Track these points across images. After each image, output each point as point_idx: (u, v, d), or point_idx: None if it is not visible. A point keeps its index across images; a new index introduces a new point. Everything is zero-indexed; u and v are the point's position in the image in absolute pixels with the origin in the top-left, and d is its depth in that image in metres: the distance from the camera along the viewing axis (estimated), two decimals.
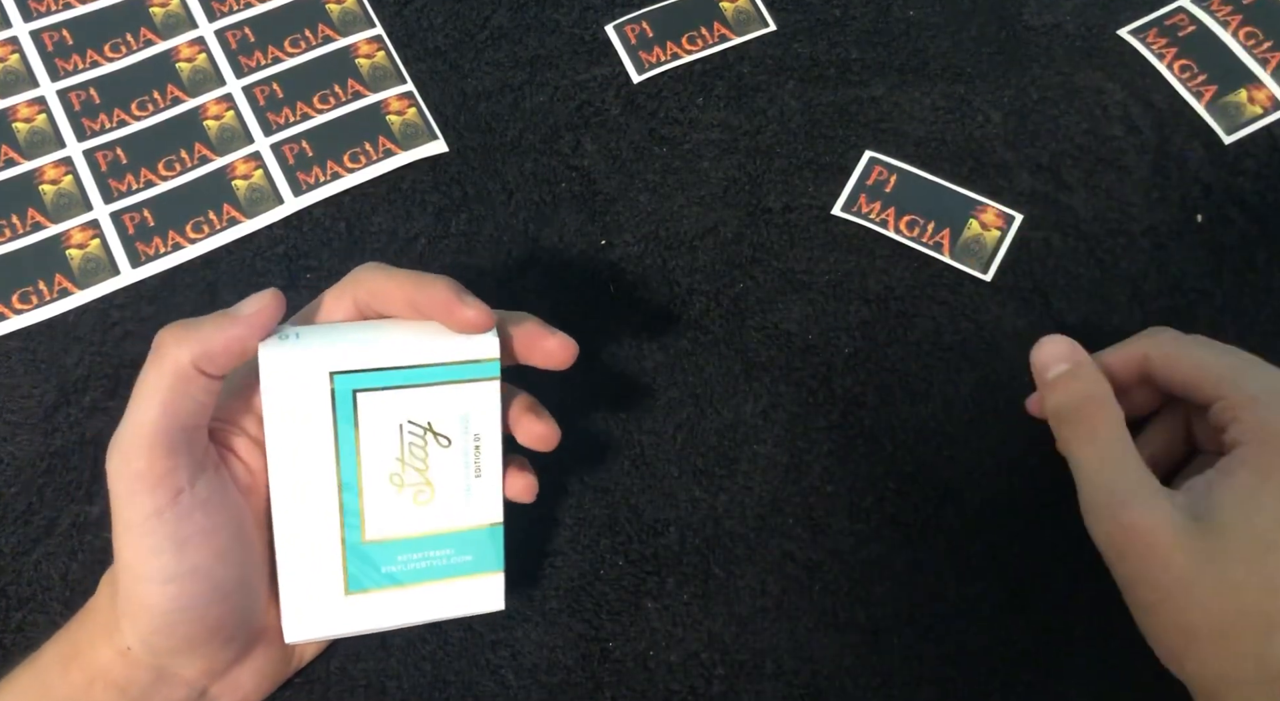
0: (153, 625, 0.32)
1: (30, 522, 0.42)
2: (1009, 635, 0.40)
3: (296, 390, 0.33)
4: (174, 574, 0.32)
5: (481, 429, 0.35)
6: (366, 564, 0.35)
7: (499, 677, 0.40)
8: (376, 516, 0.35)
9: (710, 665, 0.40)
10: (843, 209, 0.45)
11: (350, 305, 0.35)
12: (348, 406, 0.33)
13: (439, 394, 0.34)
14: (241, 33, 0.50)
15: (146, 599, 0.32)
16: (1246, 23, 0.48)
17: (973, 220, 0.44)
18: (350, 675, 0.40)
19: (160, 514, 0.31)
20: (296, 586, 0.34)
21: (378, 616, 0.35)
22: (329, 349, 0.33)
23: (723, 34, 0.49)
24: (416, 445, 0.34)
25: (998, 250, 0.44)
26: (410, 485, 0.35)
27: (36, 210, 0.46)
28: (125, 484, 0.31)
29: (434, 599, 0.36)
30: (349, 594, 0.35)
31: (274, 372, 0.33)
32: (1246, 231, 0.40)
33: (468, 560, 0.36)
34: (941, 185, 0.46)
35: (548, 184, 0.47)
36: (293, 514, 0.34)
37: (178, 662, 0.34)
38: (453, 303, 0.33)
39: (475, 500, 0.35)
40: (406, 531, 0.35)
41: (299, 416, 0.33)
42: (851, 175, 0.46)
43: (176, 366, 0.31)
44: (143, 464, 0.31)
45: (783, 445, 0.43)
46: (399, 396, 0.34)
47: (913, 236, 0.44)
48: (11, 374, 0.44)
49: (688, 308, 0.45)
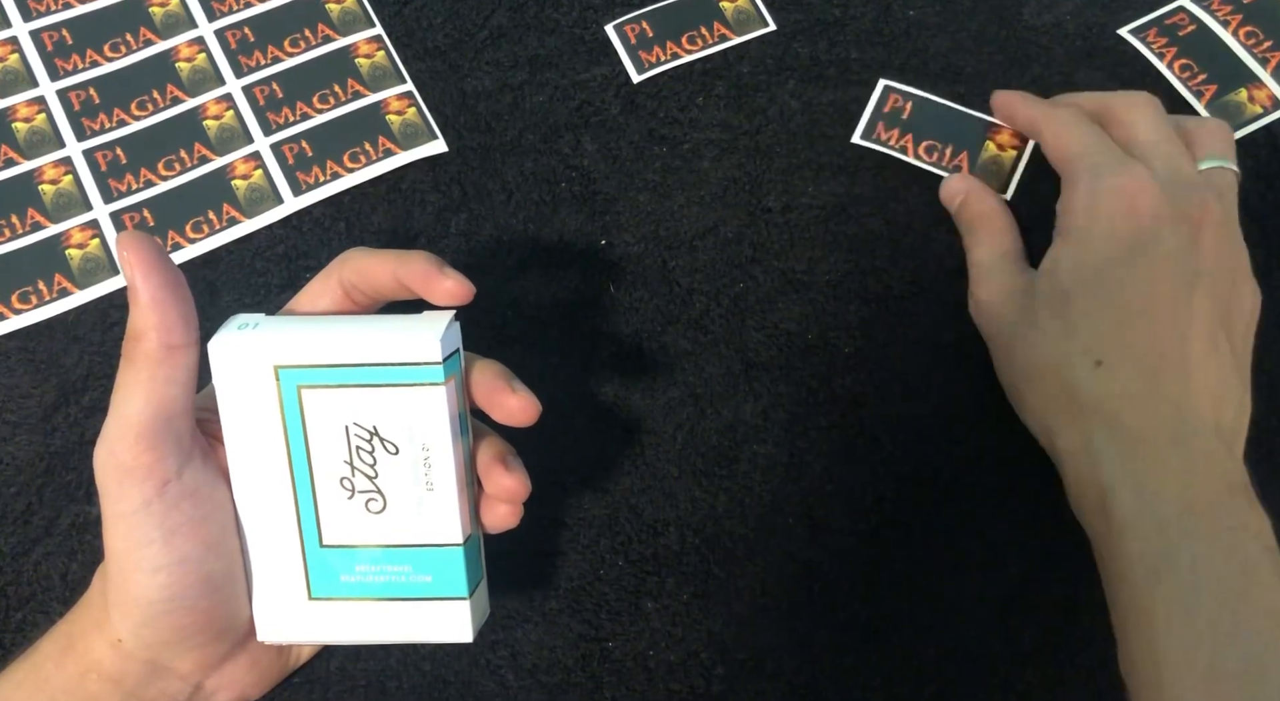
0: (142, 617, 0.32)
1: (30, 523, 0.42)
2: (1009, 634, 0.40)
3: (245, 382, 0.33)
4: (162, 564, 0.32)
5: (429, 441, 0.33)
6: (326, 570, 0.34)
7: (499, 677, 0.40)
8: (331, 520, 0.33)
9: (710, 665, 0.40)
10: (862, 137, 0.47)
11: (336, 287, 0.35)
12: (294, 402, 0.33)
13: (383, 396, 0.32)
14: (241, 32, 0.50)
15: (135, 589, 0.32)
16: (1246, 22, 0.48)
17: (989, 142, 0.46)
18: (350, 675, 0.40)
19: (148, 505, 0.31)
20: (265, 585, 0.34)
21: (342, 628, 0.34)
22: (276, 339, 0.32)
23: (723, 34, 0.49)
24: (364, 449, 0.33)
25: (1015, 169, 0.46)
26: (361, 491, 0.33)
27: (36, 210, 0.46)
28: (112, 477, 0.32)
29: (396, 619, 0.34)
30: (312, 599, 0.34)
31: (222, 363, 0.32)
32: (1248, 231, 0.40)
33: (426, 581, 0.34)
34: (957, 109, 0.47)
35: (548, 184, 0.47)
36: (254, 511, 0.34)
37: (169, 655, 0.34)
38: (432, 273, 0.33)
39: (429, 516, 0.33)
40: (362, 540, 0.34)
41: (249, 409, 0.33)
42: (868, 104, 0.47)
43: (150, 357, 0.31)
44: (128, 456, 0.31)
45: (783, 445, 0.43)
46: (343, 395, 0.32)
47: (932, 161, 0.46)
48: (11, 374, 0.44)
49: (688, 308, 0.45)
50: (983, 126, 0.47)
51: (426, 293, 0.33)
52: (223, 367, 0.33)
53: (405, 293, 0.34)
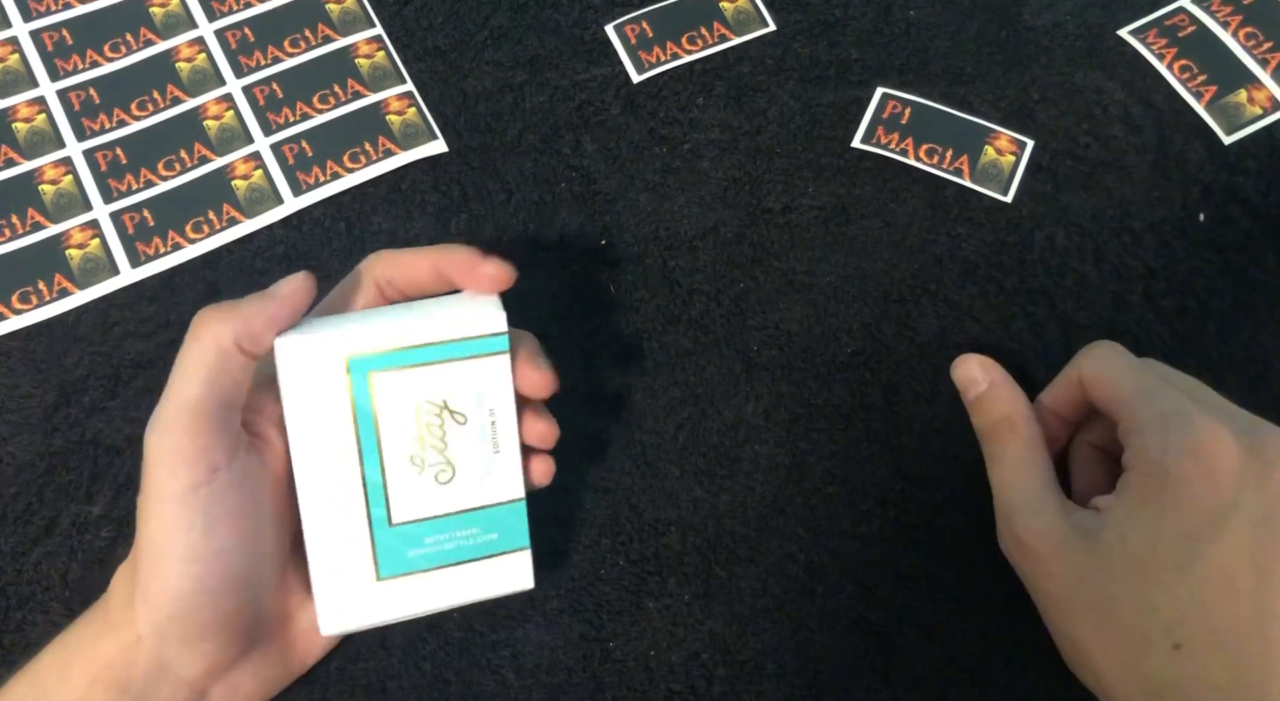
0: (170, 609, 0.32)
1: (30, 522, 0.42)
2: (1012, 637, 0.40)
3: (313, 376, 0.33)
4: (200, 553, 0.32)
5: (496, 404, 0.35)
6: (395, 548, 0.35)
7: (499, 677, 0.40)
8: (401, 499, 0.35)
9: (711, 665, 0.40)
10: (862, 141, 0.47)
11: (371, 285, 0.37)
12: (364, 389, 0.34)
13: (452, 370, 0.35)
14: (241, 33, 0.50)
15: (167, 579, 0.32)
16: (1246, 23, 0.48)
17: (988, 146, 0.46)
18: (350, 675, 0.40)
19: (195, 490, 0.32)
20: (329, 576, 0.34)
21: (410, 602, 0.35)
22: (342, 333, 0.34)
23: (723, 34, 0.49)
24: (434, 424, 0.35)
25: (1015, 172, 0.45)
26: (431, 465, 0.35)
27: (36, 210, 0.46)
28: (164, 457, 0.32)
29: (464, 580, 0.36)
30: (380, 580, 0.35)
31: (290, 360, 0.33)
32: (1250, 231, 0.40)
33: (493, 538, 0.36)
34: (955, 115, 0.47)
35: (548, 184, 0.47)
36: (319, 502, 0.34)
37: (184, 656, 0.34)
38: (475, 261, 0.35)
39: (496, 477, 0.36)
40: (431, 512, 0.35)
41: (317, 402, 0.34)
42: (867, 109, 0.47)
43: (218, 343, 0.32)
44: (184, 438, 0.32)
45: (784, 445, 0.43)
46: (413, 375, 0.34)
47: (933, 163, 0.46)
48: (11, 374, 0.44)
49: (688, 308, 0.45)
50: (982, 131, 0.47)
51: (470, 280, 0.35)
52: (291, 364, 0.33)
53: (443, 285, 0.36)
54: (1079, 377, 0.39)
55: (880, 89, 0.47)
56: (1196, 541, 0.34)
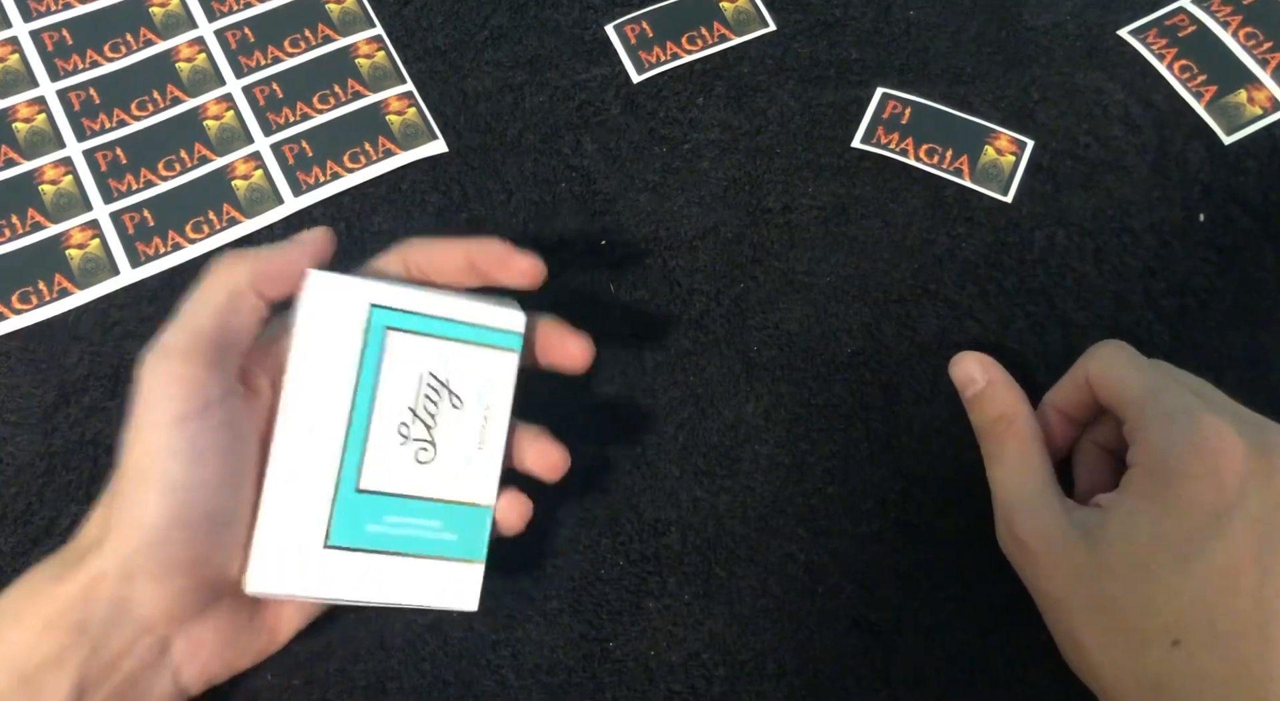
0: (141, 539, 0.32)
1: (30, 523, 0.42)
2: (1012, 637, 0.40)
3: (332, 313, 0.34)
4: (180, 484, 0.32)
5: (493, 402, 0.36)
6: (353, 517, 0.34)
7: (499, 677, 0.40)
8: (376, 464, 0.34)
9: (711, 665, 0.40)
10: (862, 141, 0.47)
11: (401, 270, 0.37)
12: (377, 341, 0.34)
13: (464, 352, 0.35)
14: (241, 33, 0.50)
15: (144, 510, 0.32)
16: (1246, 23, 0.48)
17: (988, 146, 0.46)
18: (350, 675, 0.40)
19: (185, 420, 0.32)
20: (275, 529, 0.33)
21: (347, 583, 0.34)
22: (373, 283, 0.34)
23: (722, 34, 0.49)
24: (431, 399, 0.35)
25: (1015, 172, 0.45)
26: (415, 439, 0.35)
27: (36, 210, 0.46)
28: (159, 381, 0.32)
29: (409, 577, 0.35)
30: (327, 546, 0.34)
31: (315, 291, 0.34)
32: (1250, 231, 0.40)
33: (452, 539, 0.35)
34: (955, 115, 0.47)
35: (548, 184, 0.47)
36: (295, 443, 0.33)
37: (147, 592, 0.33)
38: (509, 254, 0.36)
39: (472, 474, 0.36)
40: (401, 489, 0.35)
41: (328, 340, 0.34)
42: (867, 109, 0.47)
43: (233, 281, 0.33)
44: (184, 366, 0.32)
45: (785, 446, 0.43)
46: (426, 344, 0.35)
47: (933, 163, 0.46)
48: (11, 374, 0.44)
49: (688, 308, 0.45)
50: (982, 131, 0.47)
51: (501, 273, 0.36)
52: (315, 294, 0.34)
53: (473, 277, 0.36)
54: (1086, 376, 0.39)
55: (880, 89, 0.47)
56: (1199, 539, 0.34)
